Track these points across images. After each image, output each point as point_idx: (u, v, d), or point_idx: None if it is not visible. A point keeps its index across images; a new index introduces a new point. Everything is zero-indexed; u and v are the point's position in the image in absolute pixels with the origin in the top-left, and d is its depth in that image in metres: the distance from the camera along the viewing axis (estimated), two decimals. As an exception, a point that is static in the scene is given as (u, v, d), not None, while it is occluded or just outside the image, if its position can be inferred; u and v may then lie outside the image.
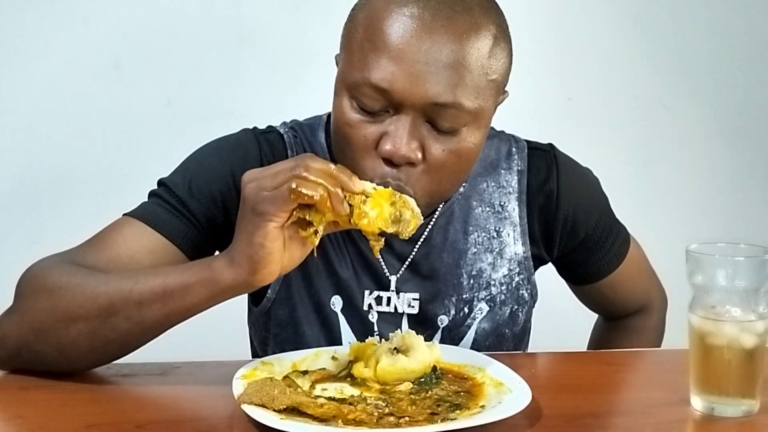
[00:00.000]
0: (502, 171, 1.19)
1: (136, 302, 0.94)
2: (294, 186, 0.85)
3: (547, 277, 1.31)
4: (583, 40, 2.29)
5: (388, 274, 1.15)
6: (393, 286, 1.15)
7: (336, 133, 1.04)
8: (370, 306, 1.15)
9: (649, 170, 2.36)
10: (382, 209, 0.91)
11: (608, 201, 1.27)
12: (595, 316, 1.43)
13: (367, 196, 0.90)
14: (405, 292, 1.16)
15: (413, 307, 1.16)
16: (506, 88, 1.08)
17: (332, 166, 0.88)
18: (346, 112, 1.01)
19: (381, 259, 1.15)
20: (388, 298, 1.15)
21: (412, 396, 0.94)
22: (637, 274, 1.32)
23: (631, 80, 2.31)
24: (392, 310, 1.16)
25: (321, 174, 0.87)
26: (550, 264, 1.30)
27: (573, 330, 1.42)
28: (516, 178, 1.19)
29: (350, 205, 0.89)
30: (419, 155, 0.99)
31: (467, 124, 1.00)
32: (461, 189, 1.18)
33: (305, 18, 2.07)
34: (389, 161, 0.99)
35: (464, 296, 1.17)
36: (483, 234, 1.18)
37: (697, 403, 0.93)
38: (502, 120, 1.27)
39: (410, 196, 0.98)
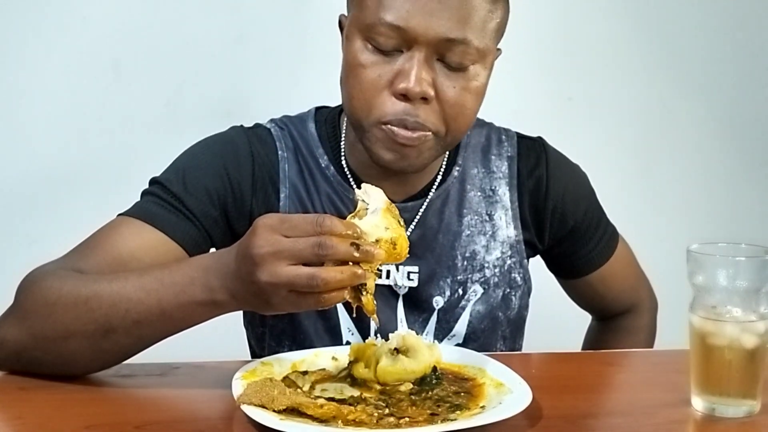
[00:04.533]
0: (492, 157, 1.22)
1: (134, 321, 0.93)
2: (322, 301, 0.84)
3: (545, 273, 1.31)
4: (584, 40, 2.29)
5: None
6: None
7: (347, 78, 1.07)
8: None
9: (649, 170, 2.36)
10: (404, 240, 0.89)
11: (596, 195, 1.30)
12: (590, 317, 1.43)
13: (394, 243, 0.87)
14: (404, 265, 1.16)
15: (412, 279, 1.17)
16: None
17: (356, 253, 0.84)
18: (358, 55, 1.05)
19: None
20: (388, 271, 1.16)
21: (412, 396, 0.93)
22: (625, 271, 1.34)
23: (631, 80, 2.31)
24: (392, 283, 1.16)
25: (341, 277, 0.83)
26: (545, 267, 1.30)
27: (570, 327, 1.42)
28: (506, 163, 1.22)
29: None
30: (432, 91, 1.03)
31: (475, 62, 1.05)
32: (455, 173, 1.20)
33: (305, 18, 2.07)
34: (404, 98, 1.03)
35: (459, 277, 1.18)
36: (476, 217, 1.20)
37: (698, 404, 0.92)
38: (504, 120, 1.27)
39: (427, 130, 1.04)
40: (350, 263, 0.84)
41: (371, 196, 0.90)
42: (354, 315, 1.06)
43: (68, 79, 2.01)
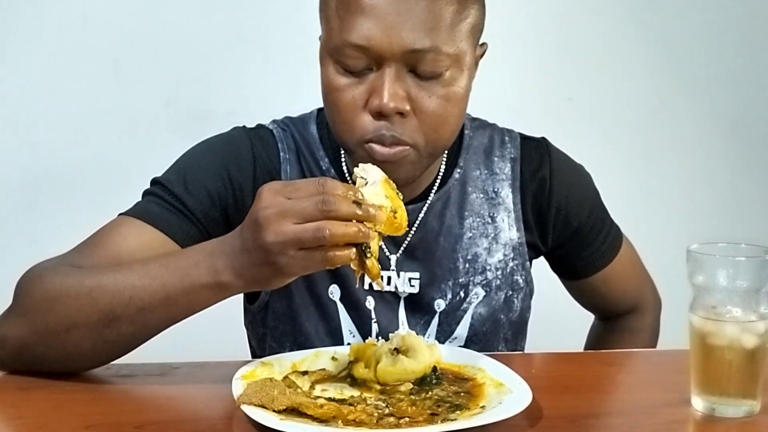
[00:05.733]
0: (495, 158, 1.22)
1: (138, 308, 0.93)
2: (331, 258, 0.86)
3: (546, 275, 1.31)
4: (584, 40, 2.29)
5: (388, 254, 1.16)
6: (393, 265, 1.16)
7: (326, 102, 1.07)
8: (371, 286, 1.16)
9: (649, 170, 2.36)
10: (403, 212, 0.91)
11: (600, 196, 1.29)
12: (593, 316, 1.43)
13: (394, 211, 0.90)
14: (404, 271, 1.16)
15: (414, 286, 1.16)
16: (481, 65, 1.11)
17: (358, 211, 0.86)
18: (332, 79, 1.04)
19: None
20: (389, 278, 1.16)
21: (412, 396, 0.93)
22: (629, 271, 1.34)
23: (631, 80, 2.31)
24: (393, 289, 1.16)
25: (346, 230, 0.85)
26: (547, 265, 1.30)
27: (571, 329, 1.42)
28: (509, 165, 1.21)
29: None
30: (407, 105, 1.02)
31: (449, 68, 1.03)
32: (456, 175, 1.20)
33: (305, 18, 2.07)
34: (380, 116, 1.02)
35: (460, 280, 1.18)
36: (478, 219, 1.19)
37: (698, 404, 0.92)
38: (504, 120, 1.27)
39: (407, 144, 1.03)
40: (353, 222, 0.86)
41: (369, 172, 0.92)
42: (357, 285, 1.06)
43: (68, 78, 2.01)
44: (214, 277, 0.91)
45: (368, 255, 0.88)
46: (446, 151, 1.18)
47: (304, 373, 0.98)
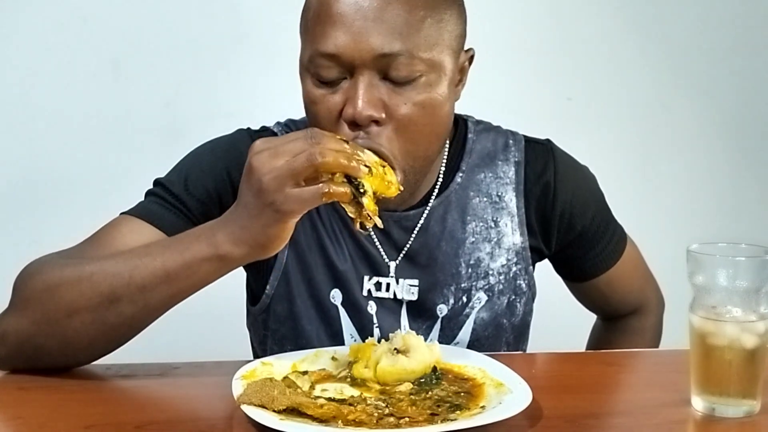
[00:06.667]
0: (499, 162, 1.21)
1: (138, 287, 0.94)
2: (326, 190, 0.87)
3: (547, 277, 1.31)
4: (583, 40, 2.29)
5: (387, 260, 1.16)
6: (392, 272, 1.16)
7: (307, 116, 1.08)
8: (369, 292, 1.16)
9: (649, 170, 2.36)
10: (392, 173, 0.96)
11: (605, 198, 1.29)
12: (594, 316, 1.43)
13: (383, 165, 0.95)
14: (404, 278, 1.16)
15: (413, 293, 1.16)
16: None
17: (346, 146, 0.91)
18: (309, 91, 1.05)
19: (379, 246, 1.15)
20: (388, 284, 1.16)
21: (412, 396, 0.93)
22: (633, 272, 1.33)
23: (631, 80, 2.31)
24: (392, 296, 1.16)
25: (337, 154, 0.88)
26: (549, 265, 1.30)
27: (572, 330, 1.42)
28: (513, 169, 1.20)
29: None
30: (382, 113, 1.01)
31: (424, 74, 1.02)
32: (458, 179, 1.19)
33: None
34: (356, 125, 1.02)
35: (462, 285, 1.17)
36: (481, 224, 1.19)
37: (698, 404, 0.92)
38: (503, 120, 1.27)
39: (380, 152, 1.02)
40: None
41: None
42: (357, 227, 1.06)
43: (68, 79, 2.01)
44: (214, 249, 0.93)
45: (362, 190, 0.90)
46: (447, 155, 1.18)
47: (304, 373, 0.98)
